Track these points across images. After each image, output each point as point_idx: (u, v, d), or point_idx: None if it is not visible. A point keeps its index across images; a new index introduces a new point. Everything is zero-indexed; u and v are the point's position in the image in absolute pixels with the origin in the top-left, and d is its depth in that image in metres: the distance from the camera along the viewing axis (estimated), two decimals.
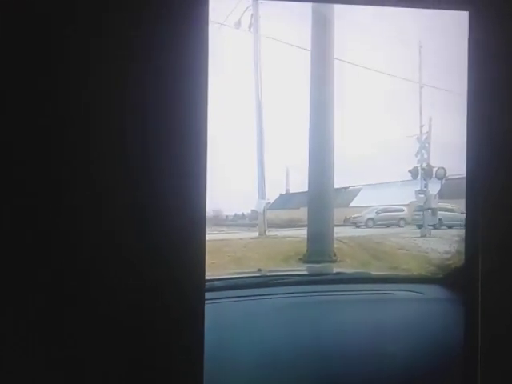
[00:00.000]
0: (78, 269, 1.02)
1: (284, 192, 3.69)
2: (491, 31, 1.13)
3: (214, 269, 2.49)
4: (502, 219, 1.14)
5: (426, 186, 3.50)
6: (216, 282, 2.05)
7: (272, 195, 3.51)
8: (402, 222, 3.81)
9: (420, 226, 3.50)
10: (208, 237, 1.16)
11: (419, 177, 3.47)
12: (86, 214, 1.02)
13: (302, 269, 2.89)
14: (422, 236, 3.47)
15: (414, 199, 3.60)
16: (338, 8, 2.68)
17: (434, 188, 3.52)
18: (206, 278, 2.05)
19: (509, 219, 1.14)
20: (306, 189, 3.05)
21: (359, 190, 3.80)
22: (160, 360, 1.04)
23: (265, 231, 3.41)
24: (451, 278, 1.87)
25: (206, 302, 1.23)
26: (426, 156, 3.47)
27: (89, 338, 1.02)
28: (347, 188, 3.77)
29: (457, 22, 1.19)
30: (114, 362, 1.02)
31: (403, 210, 3.88)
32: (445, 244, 2.86)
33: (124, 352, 1.03)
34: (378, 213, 3.67)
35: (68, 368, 1.01)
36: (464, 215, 1.25)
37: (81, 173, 1.03)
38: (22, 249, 1.00)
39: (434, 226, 3.46)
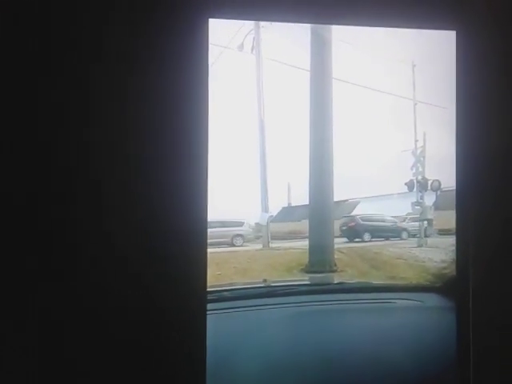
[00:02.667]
0: (78, 278, 1.01)
1: (286, 205, 3.75)
2: (478, 49, 1.16)
3: (221, 280, 2.54)
4: (492, 231, 1.15)
5: (421, 198, 3.56)
6: (223, 293, 2.06)
7: (275, 209, 3.59)
8: (238, 240, 3.52)
9: None
10: (214, 249, 1.16)
11: (415, 189, 3.55)
12: (87, 223, 1.02)
13: (305, 279, 2.93)
14: (418, 246, 3.53)
15: (411, 210, 3.65)
16: (335, 29, 2.74)
17: (430, 200, 3.58)
18: (213, 288, 2.09)
19: (498, 230, 1.15)
20: (307, 202, 3.12)
21: (358, 203, 3.84)
22: (163, 370, 1.04)
23: (268, 243, 3.48)
24: (449, 287, 1.88)
25: (212, 312, 1.23)
26: (421, 169, 3.53)
27: (89, 347, 1.01)
28: (346, 201, 3.82)
29: (448, 41, 1.22)
30: (116, 372, 1.02)
31: (241, 225, 3.60)
32: (441, 253, 2.87)
33: (125, 362, 1.03)
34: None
35: (70, 376, 1.01)
36: None
37: (82, 187, 1.01)
38: (19, 258, 0.98)
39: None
